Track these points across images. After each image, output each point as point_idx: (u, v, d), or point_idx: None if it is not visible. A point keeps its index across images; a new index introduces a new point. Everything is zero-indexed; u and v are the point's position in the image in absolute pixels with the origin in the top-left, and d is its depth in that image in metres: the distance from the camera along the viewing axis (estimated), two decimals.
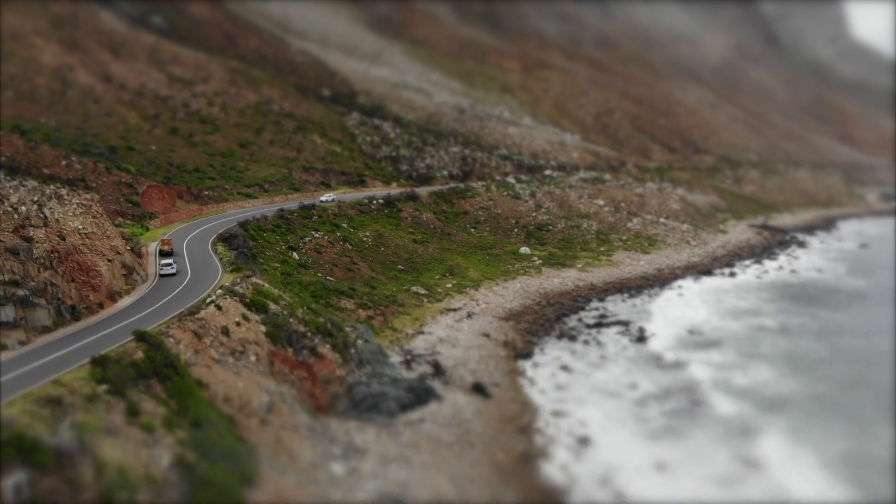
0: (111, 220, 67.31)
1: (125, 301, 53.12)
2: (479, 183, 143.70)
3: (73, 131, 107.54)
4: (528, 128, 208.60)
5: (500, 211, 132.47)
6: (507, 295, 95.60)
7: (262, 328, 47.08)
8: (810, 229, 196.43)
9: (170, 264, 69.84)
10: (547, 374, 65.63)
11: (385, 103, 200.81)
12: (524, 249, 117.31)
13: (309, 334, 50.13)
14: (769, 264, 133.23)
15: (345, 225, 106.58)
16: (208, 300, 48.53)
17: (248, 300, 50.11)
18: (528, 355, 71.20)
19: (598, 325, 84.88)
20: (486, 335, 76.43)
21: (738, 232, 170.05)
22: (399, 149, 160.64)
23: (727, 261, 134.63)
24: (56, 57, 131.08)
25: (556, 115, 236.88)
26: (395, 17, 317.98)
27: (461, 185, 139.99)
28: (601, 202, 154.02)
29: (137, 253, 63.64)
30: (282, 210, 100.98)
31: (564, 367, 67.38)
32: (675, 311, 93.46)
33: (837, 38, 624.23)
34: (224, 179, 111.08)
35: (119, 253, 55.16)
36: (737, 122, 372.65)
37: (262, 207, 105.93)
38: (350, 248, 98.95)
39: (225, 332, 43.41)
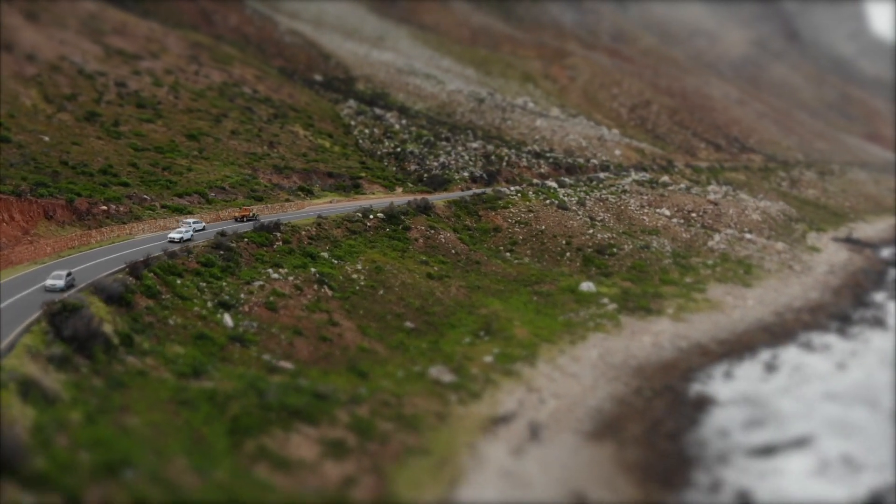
0: None
1: None
2: (512, 188, 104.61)
3: None
4: (558, 120, 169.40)
5: (543, 226, 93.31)
6: (582, 374, 56.53)
7: None
8: None
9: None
10: None
11: (389, 91, 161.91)
12: (586, 285, 78.10)
13: None
14: None
15: (324, 254, 67.61)
16: None
17: None
18: None
19: (770, 449, 45.77)
20: (581, 500, 37.38)
21: (832, 250, 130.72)
22: (406, 143, 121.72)
23: (853, 296, 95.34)
24: None
25: (586, 106, 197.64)
26: (400, 2, 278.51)
27: (489, 191, 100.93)
28: (667, 212, 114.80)
29: None
30: (223, 234, 62.02)
31: None
32: (866, 412, 54.17)
33: (858, 34, 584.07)
34: (146, 186, 72.29)
35: None
36: (765, 120, 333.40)
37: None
38: (329, 294, 59.93)
39: None
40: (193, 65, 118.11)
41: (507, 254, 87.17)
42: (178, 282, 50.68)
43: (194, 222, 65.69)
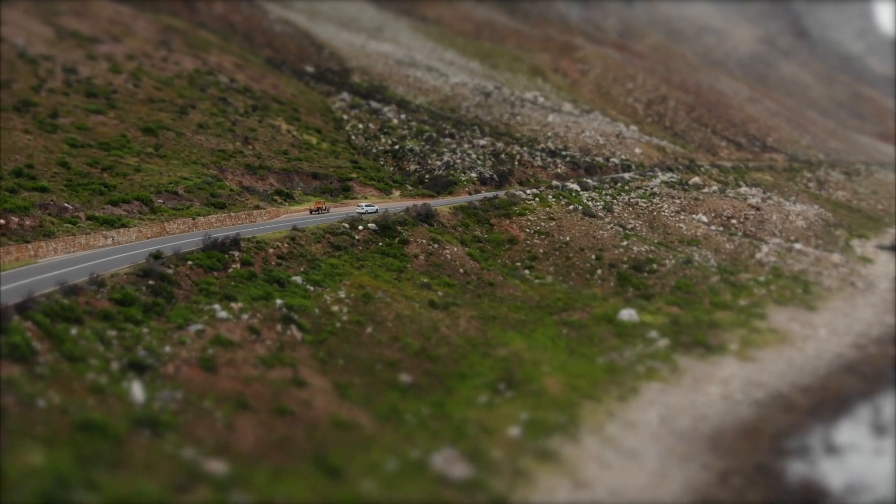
0: None
1: None
2: (528, 191, 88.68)
3: None
4: (571, 116, 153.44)
5: (567, 238, 77.38)
6: (644, 452, 40.62)
7: None
8: None
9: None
10: None
11: (387, 84, 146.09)
12: (627, 314, 62.16)
13: None
14: None
15: (297, 279, 51.72)
16: None
17: None
18: None
19: None
20: None
21: (883, 260, 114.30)
22: (405, 140, 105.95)
23: None
24: None
25: (599, 101, 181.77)
26: None
27: (501, 195, 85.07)
28: (704, 218, 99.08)
29: None
30: (158, 256, 46.11)
31: None
32: None
33: (865, 32, 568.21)
34: (72, 191, 56.58)
35: None
36: (779, 118, 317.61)
37: (129, 247, 51.13)
38: (298, 337, 44.08)
39: None
40: (162, 50, 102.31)
41: (526, 271, 71.17)
42: (73, 332, 34.74)
43: (367, 205, 73.74)
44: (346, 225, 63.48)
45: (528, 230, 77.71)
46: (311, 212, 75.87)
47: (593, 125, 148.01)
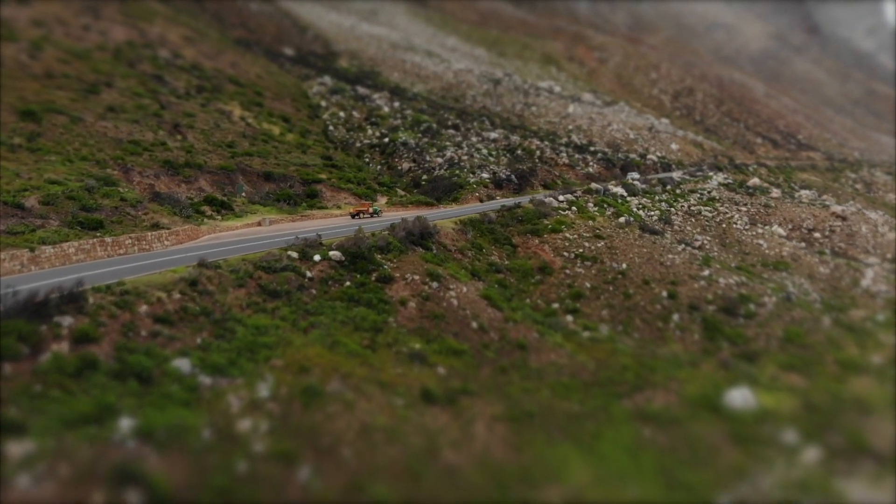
0: None
1: None
2: (560, 197, 64.67)
3: None
4: (594, 107, 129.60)
5: (624, 265, 53.43)
6: None
7: None
8: None
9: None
10: None
11: (380, 69, 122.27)
12: (740, 396, 38.28)
13: None
14: None
15: (182, 365, 27.69)
16: None
17: None
18: None
19: None
20: None
21: None
22: (397, 132, 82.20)
23: None
24: None
25: (621, 92, 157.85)
26: None
27: (525, 203, 61.10)
28: (781, 231, 75.35)
29: None
30: None
31: None
32: None
33: (876, 28, 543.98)
34: None
35: None
36: (798, 115, 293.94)
37: None
38: None
39: None
40: (86, 17, 78.63)
41: (569, 317, 47.27)
42: None
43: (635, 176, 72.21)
44: (295, 254, 39.58)
45: (566, 254, 53.86)
46: (352, 216, 57.47)
47: (620, 117, 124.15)
